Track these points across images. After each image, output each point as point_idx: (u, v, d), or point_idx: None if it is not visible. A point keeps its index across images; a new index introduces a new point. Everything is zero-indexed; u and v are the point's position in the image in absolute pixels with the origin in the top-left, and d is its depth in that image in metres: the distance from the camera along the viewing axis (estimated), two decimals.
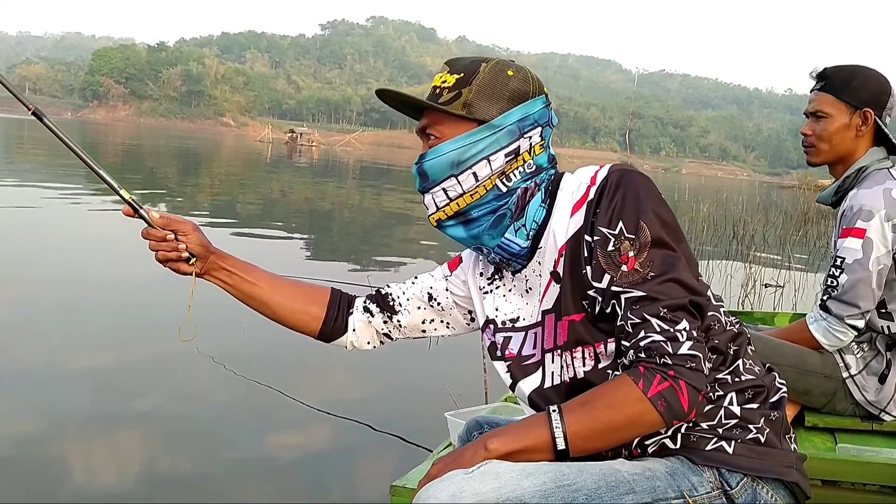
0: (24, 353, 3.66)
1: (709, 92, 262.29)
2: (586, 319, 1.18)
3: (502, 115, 1.23)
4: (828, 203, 2.16)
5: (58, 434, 2.79)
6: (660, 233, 1.13)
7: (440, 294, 1.46)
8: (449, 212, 1.27)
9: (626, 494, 1.07)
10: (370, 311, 1.49)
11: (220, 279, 1.43)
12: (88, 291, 5.01)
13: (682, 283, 1.11)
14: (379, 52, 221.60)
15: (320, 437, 2.97)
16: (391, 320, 1.48)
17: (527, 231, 1.25)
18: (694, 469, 1.13)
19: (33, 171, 14.32)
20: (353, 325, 1.49)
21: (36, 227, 7.44)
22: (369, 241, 9.50)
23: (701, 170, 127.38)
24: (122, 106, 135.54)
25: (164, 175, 18.07)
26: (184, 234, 1.37)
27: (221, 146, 46.14)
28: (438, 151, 1.24)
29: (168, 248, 1.36)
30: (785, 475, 1.15)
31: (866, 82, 2.04)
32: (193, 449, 2.78)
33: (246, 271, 1.45)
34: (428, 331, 1.49)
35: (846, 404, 2.06)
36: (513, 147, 1.24)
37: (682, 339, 1.07)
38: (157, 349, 3.81)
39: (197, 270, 1.39)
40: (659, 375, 1.06)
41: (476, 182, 1.24)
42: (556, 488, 1.04)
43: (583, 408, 1.09)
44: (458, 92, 1.24)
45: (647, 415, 1.06)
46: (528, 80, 1.26)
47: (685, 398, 1.05)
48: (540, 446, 1.08)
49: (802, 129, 2.14)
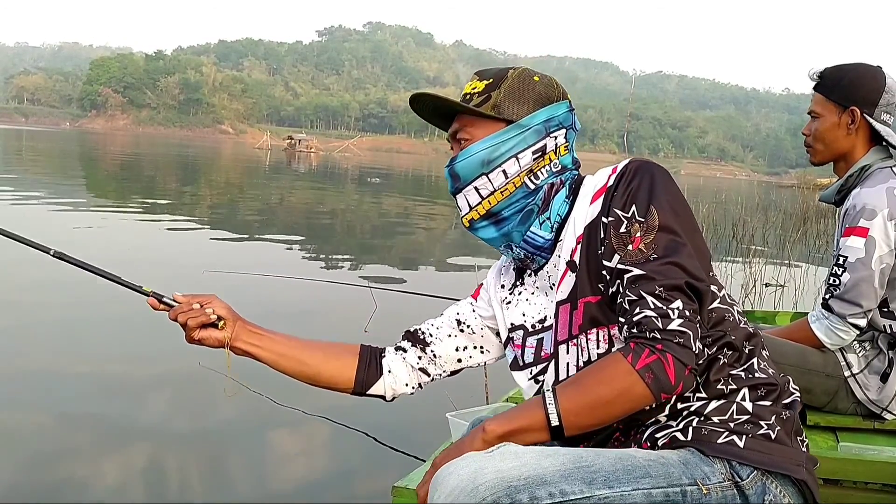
0: (31, 359, 3.67)
1: (706, 92, 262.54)
2: (602, 301, 1.22)
3: (529, 116, 1.30)
4: (830, 202, 2.16)
5: (63, 438, 2.79)
6: (669, 219, 1.18)
7: (468, 317, 1.48)
8: (482, 210, 1.32)
9: (642, 478, 1.08)
10: (403, 349, 1.49)
11: (251, 342, 1.43)
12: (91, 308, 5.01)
13: (683, 267, 1.15)
14: (376, 57, 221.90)
15: (320, 443, 2.97)
16: (425, 353, 1.47)
17: (551, 224, 1.30)
18: (705, 460, 1.14)
19: (42, 183, 14.35)
20: (388, 367, 1.47)
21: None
22: (370, 246, 9.50)
23: (700, 170, 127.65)
24: (120, 115, 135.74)
25: (165, 184, 18.10)
26: (208, 303, 1.40)
27: (220, 154, 46.21)
28: (470, 152, 1.30)
29: (196, 314, 1.38)
30: (794, 472, 1.16)
31: (857, 81, 2.04)
32: (196, 453, 2.78)
33: (274, 333, 1.46)
34: (463, 359, 1.49)
35: (848, 403, 2.06)
36: (539, 145, 1.30)
37: (674, 316, 1.11)
38: (160, 361, 3.81)
39: (228, 335, 1.40)
40: (647, 349, 1.10)
41: (506, 179, 1.30)
42: (575, 469, 1.06)
43: (574, 384, 1.14)
44: (487, 95, 1.31)
45: (635, 387, 1.09)
46: (553, 85, 1.34)
47: (672, 371, 1.09)
48: (534, 425, 1.12)
49: (803, 130, 2.16)
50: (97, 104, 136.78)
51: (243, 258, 7.19)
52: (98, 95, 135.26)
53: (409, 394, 1.49)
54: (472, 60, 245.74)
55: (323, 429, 3.03)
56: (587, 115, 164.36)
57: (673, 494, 1.09)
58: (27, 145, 32.42)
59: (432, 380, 1.50)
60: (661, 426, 1.20)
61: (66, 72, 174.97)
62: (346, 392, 1.47)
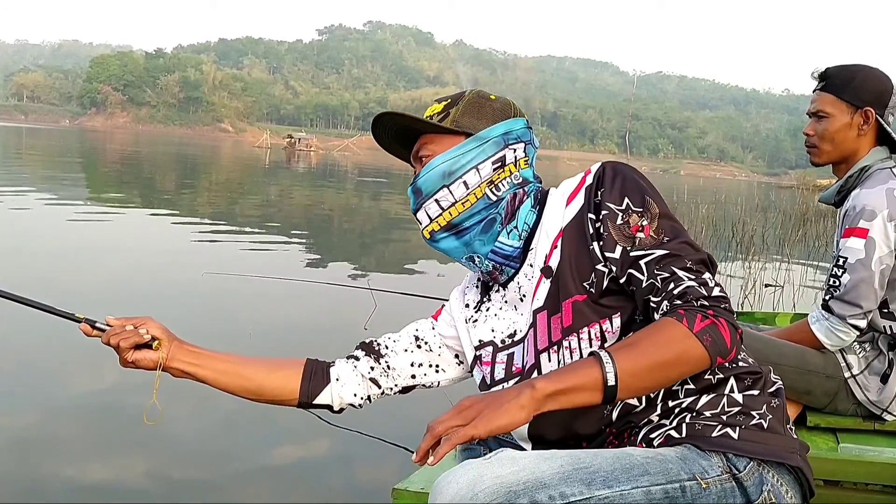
0: (31, 358, 3.67)
1: (706, 93, 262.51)
2: (589, 299, 1.23)
3: (488, 129, 1.33)
4: (830, 203, 2.16)
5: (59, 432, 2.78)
6: (664, 208, 1.23)
7: (427, 334, 1.46)
8: (442, 222, 1.34)
9: (641, 476, 1.08)
10: (355, 357, 1.46)
11: (189, 361, 1.37)
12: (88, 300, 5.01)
13: (694, 246, 1.20)
14: (376, 56, 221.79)
15: (319, 444, 2.97)
16: (379, 363, 1.44)
17: (518, 232, 1.31)
18: (702, 454, 1.15)
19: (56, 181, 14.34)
20: (336, 375, 1.43)
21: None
22: (369, 246, 9.50)
23: (699, 171, 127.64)
24: (120, 113, 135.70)
25: (165, 183, 18.09)
26: (142, 324, 1.35)
27: (220, 153, 46.20)
28: (431, 165, 1.33)
29: (128, 336, 1.32)
30: (789, 459, 1.17)
31: (867, 81, 2.03)
32: (198, 457, 2.78)
33: (213, 352, 1.41)
34: (418, 375, 1.45)
35: (848, 404, 2.05)
36: (499, 156, 1.33)
37: (711, 284, 1.16)
38: None
39: (163, 355, 1.34)
40: (700, 315, 1.11)
41: (467, 190, 1.32)
42: (574, 471, 1.05)
43: (630, 347, 1.10)
44: (446, 113, 1.35)
45: (694, 349, 1.09)
46: (509, 104, 1.38)
47: (728, 334, 1.11)
48: (589, 384, 1.06)
49: (805, 130, 2.14)
50: (97, 102, 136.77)
51: (242, 259, 7.19)
52: (98, 93, 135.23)
53: (356, 406, 1.44)
54: (472, 60, 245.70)
55: (322, 429, 3.03)
56: (587, 115, 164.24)
57: (672, 491, 1.09)
58: (27, 143, 32.40)
59: (382, 393, 1.45)
60: (655, 426, 1.20)
61: (66, 70, 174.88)
62: (291, 405, 1.42)
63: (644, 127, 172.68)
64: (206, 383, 1.40)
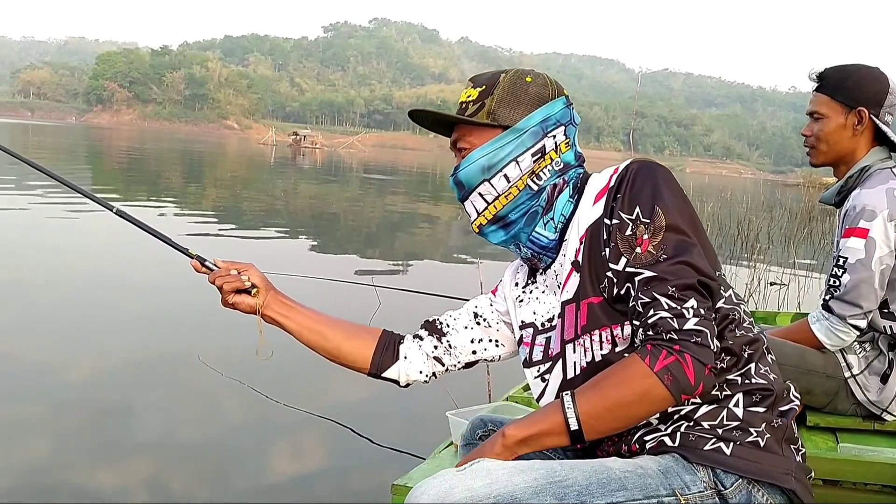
0: (32, 354, 3.68)
1: (712, 90, 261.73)
2: (604, 302, 1.22)
3: (525, 119, 1.30)
4: (831, 203, 2.16)
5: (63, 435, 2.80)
6: (675, 219, 1.17)
7: (485, 311, 1.50)
8: (488, 216, 1.34)
9: (616, 491, 1.08)
10: (419, 337, 1.52)
11: (281, 312, 1.48)
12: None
13: (694, 266, 1.14)
14: (382, 53, 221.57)
15: (320, 442, 2.98)
16: (441, 343, 1.50)
17: (555, 224, 1.31)
18: (688, 468, 1.14)
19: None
20: (405, 353, 1.50)
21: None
22: (374, 243, 9.51)
23: (705, 168, 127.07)
24: (126, 110, 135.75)
25: (171, 179, 18.12)
26: (245, 270, 1.47)
27: (225, 149, 46.25)
28: (470, 160, 1.32)
29: (232, 280, 1.45)
30: (781, 481, 1.14)
31: (862, 81, 2.03)
32: (196, 453, 2.79)
33: (303, 307, 1.51)
34: (478, 351, 1.50)
35: (848, 404, 2.06)
36: (538, 147, 1.31)
37: (689, 315, 1.10)
38: (164, 361, 3.82)
39: (260, 302, 1.46)
40: (665, 350, 1.09)
41: (508, 184, 1.31)
42: (548, 484, 1.05)
43: (593, 388, 1.13)
44: (481, 103, 1.32)
45: (655, 389, 1.08)
46: (547, 84, 1.34)
47: (691, 371, 1.08)
48: (554, 429, 1.12)
49: (802, 131, 2.14)
50: (103, 99, 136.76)
51: (245, 255, 7.19)
52: (104, 90, 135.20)
53: (422, 381, 1.51)
54: (478, 57, 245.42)
55: (323, 428, 3.04)
56: (592, 112, 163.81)
57: None
58: (35, 140, 32.48)
59: (447, 370, 1.52)
60: (651, 429, 1.19)
61: (73, 66, 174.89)
62: (363, 372, 1.50)
63: (650, 124, 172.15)
64: (292, 335, 1.50)
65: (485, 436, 1.45)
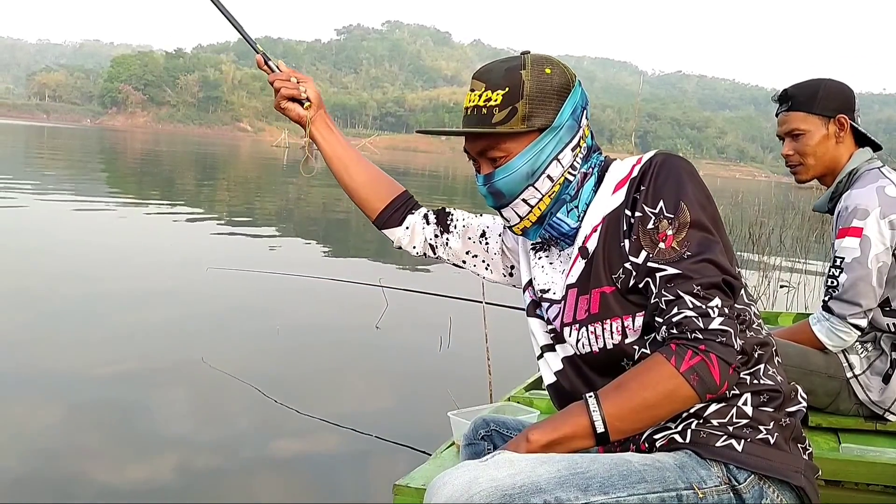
0: (46, 355, 3.73)
1: (725, 93, 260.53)
2: (617, 292, 1.21)
3: (559, 115, 1.27)
4: (824, 211, 2.18)
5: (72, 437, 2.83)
6: (699, 215, 1.17)
7: (493, 236, 1.53)
8: (533, 218, 1.32)
9: (637, 483, 1.08)
10: (427, 219, 1.56)
11: (322, 133, 1.56)
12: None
13: (717, 264, 1.14)
14: (394, 56, 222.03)
15: (323, 442, 3.00)
16: (441, 236, 1.55)
17: (578, 213, 1.30)
18: (702, 463, 1.14)
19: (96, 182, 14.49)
20: (409, 224, 1.56)
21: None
22: (381, 244, 9.52)
23: (718, 171, 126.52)
24: (140, 112, 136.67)
25: (184, 182, 18.23)
26: (304, 82, 1.53)
27: (239, 152, 46.44)
28: (510, 168, 1.27)
29: (290, 86, 1.52)
30: (791, 478, 1.15)
31: (831, 91, 2.08)
32: (197, 453, 2.81)
33: (343, 137, 1.59)
34: (468, 263, 1.56)
35: (850, 404, 2.06)
36: (576, 140, 1.30)
37: (714, 314, 1.10)
38: (169, 363, 3.85)
39: (310, 115, 1.53)
40: (690, 351, 1.09)
41: (552, 183, 1.29)
42: (571, 475, 1.05)
43: (618, 390, 1.12)
44: (511, 108, 1.25)
45: (681, 390, 1.09)
46: (564, 71, 1.30)
47: (717, 371, 1.09)
48: (579, 432, 1.11)
49: (783, 152, 2.16)
50: (118, 101, 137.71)
51: (255, 256, 7.23)
52: (118, 93, 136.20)
53: (413, 254, 1.58)
54: (490, 59, 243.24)
55: (326, 427, 3.05)
56: (605, 115, 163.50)
57: (668, 499, 1.09)
58: (50, 143, 32.73)
59: (437, 258, 1.58)
60: (661, 427, 1.19)
61: (88, 69, 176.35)
62: (369, 218, 1.57)
63: (662, 127, 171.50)
64: (324, 158, 1.59)
65: (487, 436, 1.44)
